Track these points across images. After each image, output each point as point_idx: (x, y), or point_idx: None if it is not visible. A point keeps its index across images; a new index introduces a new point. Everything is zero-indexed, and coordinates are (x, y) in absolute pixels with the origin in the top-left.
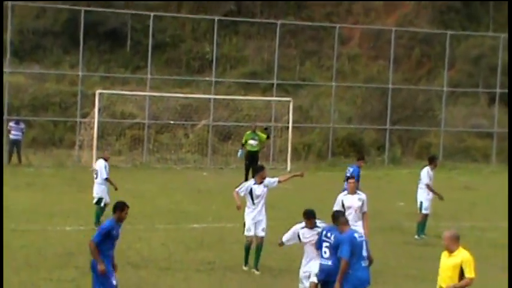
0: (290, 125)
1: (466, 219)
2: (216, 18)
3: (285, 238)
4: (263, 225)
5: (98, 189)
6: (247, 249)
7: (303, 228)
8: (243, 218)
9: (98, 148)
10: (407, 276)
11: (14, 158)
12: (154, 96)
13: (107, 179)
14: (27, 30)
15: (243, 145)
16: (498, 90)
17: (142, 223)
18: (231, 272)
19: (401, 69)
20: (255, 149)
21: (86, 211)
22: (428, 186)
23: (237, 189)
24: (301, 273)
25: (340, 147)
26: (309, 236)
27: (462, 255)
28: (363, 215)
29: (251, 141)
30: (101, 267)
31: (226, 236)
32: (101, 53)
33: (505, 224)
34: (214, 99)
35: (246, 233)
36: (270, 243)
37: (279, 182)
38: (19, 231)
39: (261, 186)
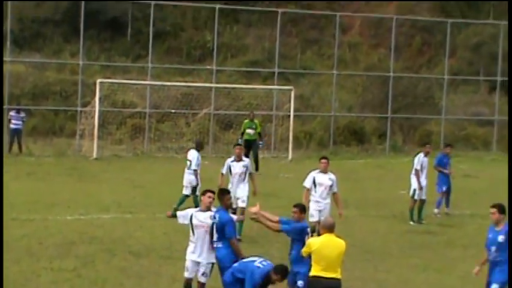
0: (291, 113)
1: (467, 207)
2: (217, 6)
3: (179, 213)
4: (243, 197)
5: (188, 179)
6: None
7: (197, 211)
8: None
9: (98, 137)
10: (409, 264)
11: (15, 147)
12: (155, 85)
13: (194, 171)
14: (27, 19)
15: (242, 134)
16: (499, 78)
17: (144, 212)
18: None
19: (402, 58)
20: (253, 138)
21: (87, 200)
22: (416, 172)
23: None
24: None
25: (342, 135)
26: (201, 218)
27: None
28: (335, 196)
29: (249, 130)
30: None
31: None
32: (102, 42)
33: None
34: (215, 88)
35: None
36: (270, 233)
37: (251, 173)
38: (20, 221)
39: (239, 164)
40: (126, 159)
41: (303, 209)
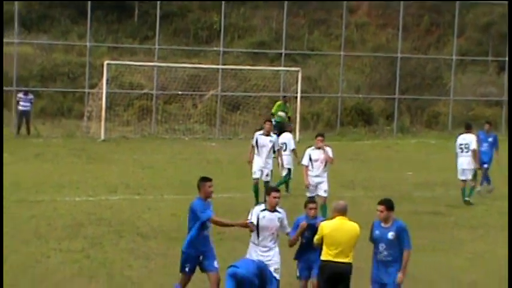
0: (299, 94)
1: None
2: None
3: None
4: (266, 171)
5: (288, 160)
6: (255, 190)
7: (263, 210)
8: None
9: (106, 119)
10: (417, 246)
11: (23, 129)
12: (162, 66)
13: (293, 150)
14: (35, 0)
15: (273, 115)
16: (508, 58)
17: (152, 194)
18: (240, 242)
19: (410, 38)
20: (285, 120)
21: (95, 182)
22: (475, 152)
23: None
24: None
25: (349, 116)
26: (269, 220)
27: None
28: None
29: (281, 113)
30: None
31: (236, 207)
32: (109, 24)
33: None
34: (222, 69)
35: (253, 176)
36: None
37: (277, 150)
38: (28, 202)
39: (267, 139)
40: (134, 141)
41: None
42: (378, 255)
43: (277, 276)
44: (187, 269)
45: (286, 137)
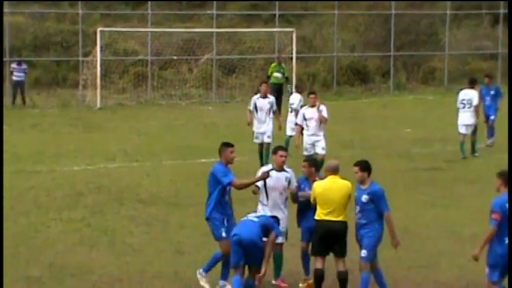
0: (294, 55)
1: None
2: None
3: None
4: (268, 133)
5: (290, 120)
6: (260, 154)
7: (270, 170)
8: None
9: (101, 87)
10: (417, 201)
11: (18, 99)
12: (156, 32)
13: (295, 110)
14: None
15: (268, 77)
16: (502, 11)
17: (150, 160)
18: (240, 205)
19: None
20: (281, 82)
21: (93, 150)
22: (476, 108)
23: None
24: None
25: (345, 76)
26: (276, 179)
27: None
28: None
29: (277, 74)
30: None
31: (234, 170)
32: None
33: None
34: (217, 32)
35: (254, 141)
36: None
37: (276, 112)
38: (27, 173)
39: (265, 101)
40: (130, 108)
41: (312, 163)
42: (356, 216)
43: (280, 239)
44: (223, 234)
45: (297, 98)
